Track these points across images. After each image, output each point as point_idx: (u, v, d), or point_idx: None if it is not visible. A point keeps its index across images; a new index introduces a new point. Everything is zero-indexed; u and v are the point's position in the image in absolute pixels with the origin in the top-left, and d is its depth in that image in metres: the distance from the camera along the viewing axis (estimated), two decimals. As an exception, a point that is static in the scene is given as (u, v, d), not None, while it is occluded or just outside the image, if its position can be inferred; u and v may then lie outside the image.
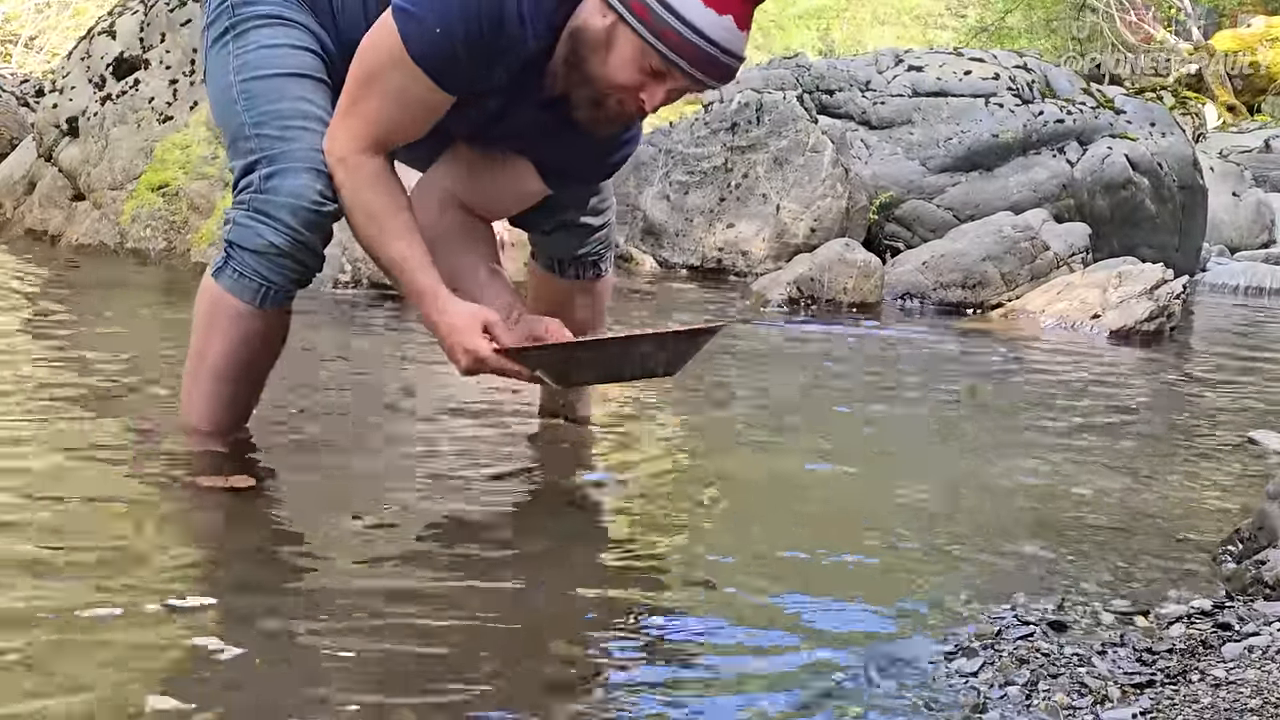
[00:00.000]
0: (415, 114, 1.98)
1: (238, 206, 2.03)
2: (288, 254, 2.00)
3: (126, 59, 5.51)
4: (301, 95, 2.04)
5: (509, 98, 2.03)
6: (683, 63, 1.85)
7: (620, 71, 1.88)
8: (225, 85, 2.08)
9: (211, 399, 2.12)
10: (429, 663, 1.43)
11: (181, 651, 1.42)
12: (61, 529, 1.78)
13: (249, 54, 2.06)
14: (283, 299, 2.06)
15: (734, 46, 1.87)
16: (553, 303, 2.40)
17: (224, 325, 2.06)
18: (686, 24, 1.82)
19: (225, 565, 1.72)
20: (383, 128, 1.97)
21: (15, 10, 12.24)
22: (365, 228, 2.01)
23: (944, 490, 2.33)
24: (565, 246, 2.35)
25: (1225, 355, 4.76)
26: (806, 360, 3.99)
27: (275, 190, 1.98)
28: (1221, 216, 9.10)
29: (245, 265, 2.02)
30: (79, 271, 4.66)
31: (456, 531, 1.94)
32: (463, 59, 1.91)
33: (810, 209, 6.14)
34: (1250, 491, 2.43)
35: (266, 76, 2.04)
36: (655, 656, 1.50)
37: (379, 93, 1.95)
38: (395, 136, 2.00)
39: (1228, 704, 1.37)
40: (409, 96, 1.95)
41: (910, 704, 1.40)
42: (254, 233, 2.00)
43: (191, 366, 2.13)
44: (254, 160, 2.01)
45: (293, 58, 2.06)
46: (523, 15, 1.88)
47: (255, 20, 2.07)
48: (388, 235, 1.99)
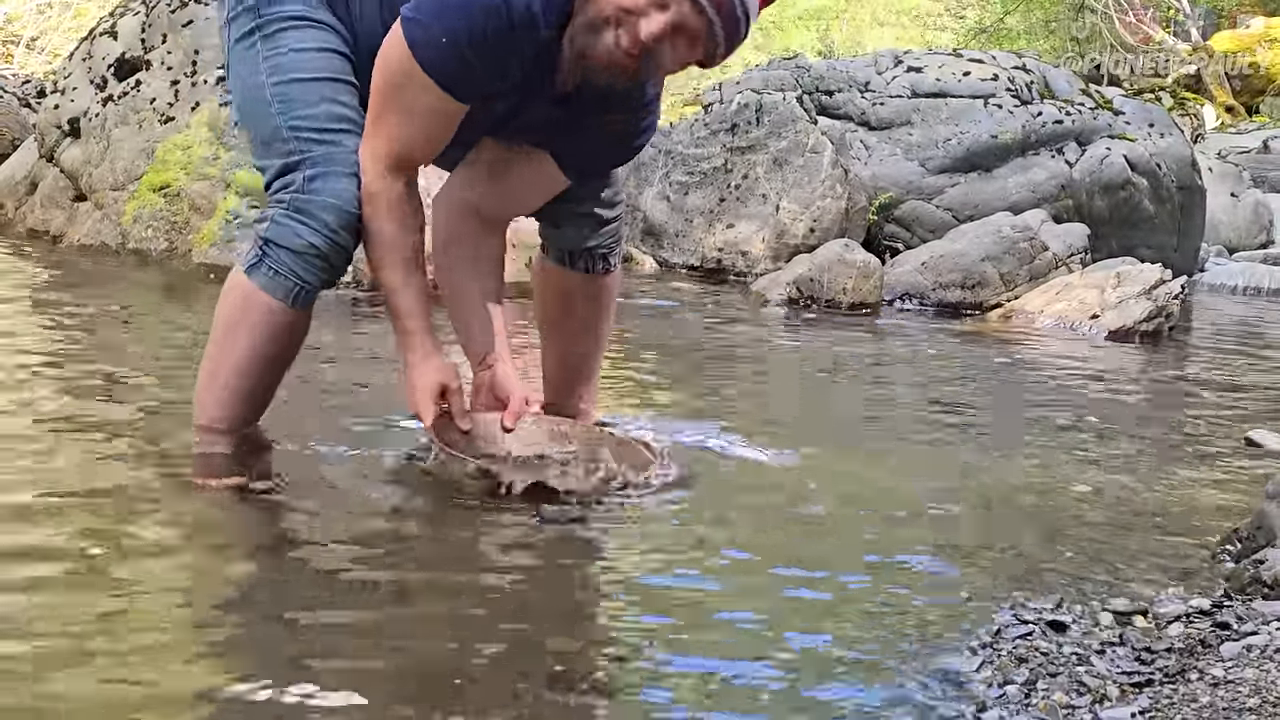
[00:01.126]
0: (431, 127, 2.01)
1: (276, 205, 2.06)
2: (324, 255, 2.05)
3: (128, 60, 5.52)
4: (335, 98, 2.07)
5: (523, 95, 2.06)
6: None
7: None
8: (256, 85, 2.10)
9: (232, 395, 2.14)
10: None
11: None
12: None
13: (281, 57, 2.09)
14: (312, 298, 2.11)
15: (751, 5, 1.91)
16: (558, 299, 2.43)
17: (253, 322, 2.09)
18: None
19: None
20: (403, 144, 2.02)
21: (17, 11, 12.24)
22: (369, 249, 2.08)
23: (942, 489, 2.34)
24: (577, 238, 2.36)
25: (1224, 355, 4.77)
26: (807, 359, 3.99)
27: (318, 191, 2.02)
28: (1220, 217, 9.11)
29: (281, 264, 2.05)
30: (79, 271, 4.66)
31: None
32: (473, 64, 1.93)
33: (810, 209, 6.15)
34: (1249, 491, 2.44)
35: (301, 80, 2.07)
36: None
37: (396, 108, 1.99)
38: (416, 153, 2.05)
39: (1226, 703, 1.38)
40: (423, 108, 1.98)
41: (910, 703, 1.41)
42: (293, 232, 2.04)
43: (211, 363, 2.14)
44: (296, 161, 2.04)
45: (323, 60, 2.09)
46: (532, 11, 1.89)
47: (283, 22, 2.10)
48: (388, 265, 2.07)
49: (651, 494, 2.11)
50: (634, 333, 4.12)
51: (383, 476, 2.16)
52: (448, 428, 2.10)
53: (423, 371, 2.07)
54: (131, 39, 5.58)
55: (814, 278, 5.30)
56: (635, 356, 3.69)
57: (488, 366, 2.20)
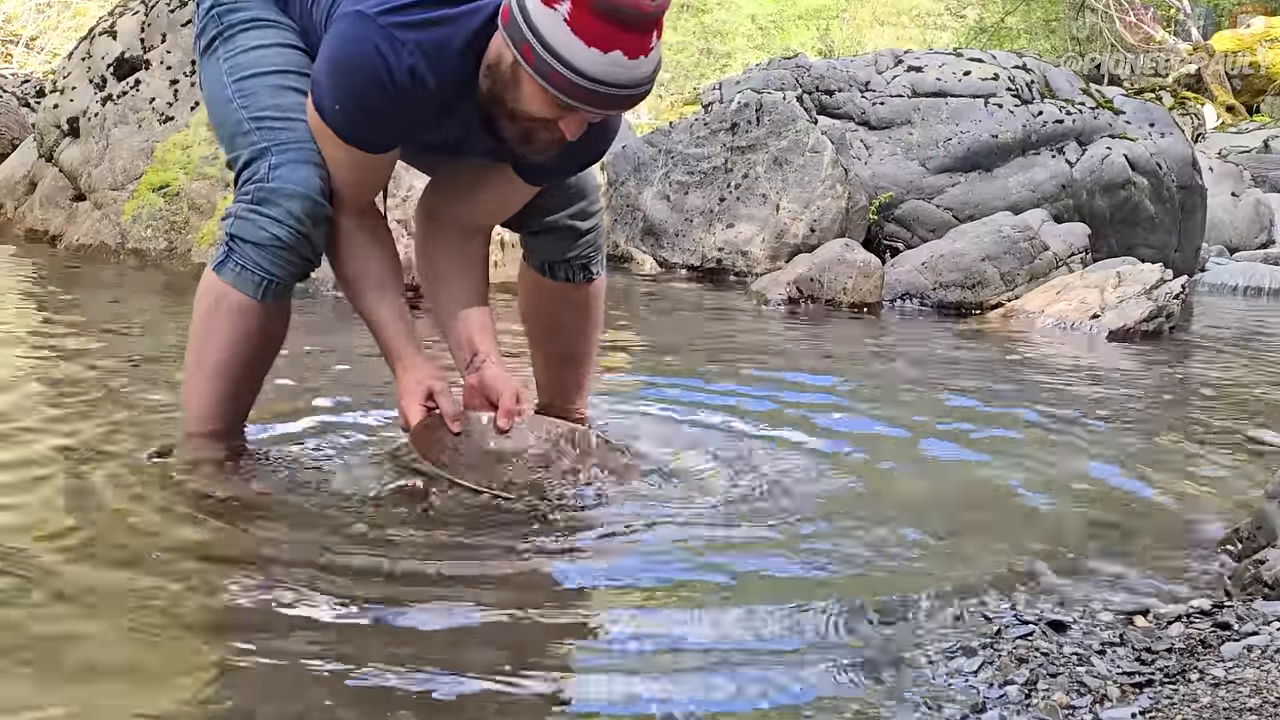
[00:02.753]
0: (362, 172, 2.05)
1: (240, 199, 2.05)
2: (289, 246, 2.03)
3: (127, 59, 5.52)
4: (297, 88, 2.07)
5: (463, 130, 2.06)
6: (573, 102, 1.85)
7: (532, 104, 1.89)
8: (220, 86, 2.11)
9: (213, 396, 2.13)
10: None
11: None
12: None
13: (241, 55, 2.11)
14: (283, 292, 2.09)
15: (626, 79, 1.84)
16: (543, 305, 2.43)
17: (226, 321, 2.07)
18: (569, 67, 1.80)
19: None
20: (342, 186, 2.05)
21: (16, 10, 12.24)
22: (344, 286, 2.14)
23: (942, 488, 2.34)
24: (554, 249, 2.37)
25: (1224, 355, 4.76)
26: (804, 359, 3.99)
27: (282, 179, 2.01)
28: (1220, 216, 9.11)
29: (247, 258, 2.04)
30: (80, 272, 4.66)
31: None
32: (372, 124, 1.96)
33: (810, 209, 6.15)
34: (1249, 491, 2.43)
35: (263, 74, 2.08)
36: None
37: (329, 156, 2.03)
38: (356, 195, 2.07)
39: (1226, 703, 1.38)
40: (346, 158, 2.01)
41: (909, 703, 1.41)
42: (256, 225, 2.02)
43: (192, 365, 2.14)
44: (261, 149, 2.04)
45: (281, 56, 2.11)
46: (417, 73, 1.89)
47: (241, 25, 2.13)
48: (357, 293, 2.11)
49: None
50: (634, 332, 4.12)
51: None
52: (433, 445, 2.05)
53: (409, 378, 2.08)
54: (131, 38, 5.58)
55: (814, 277, 5.29)
56: (634, 356, 3.68)
57: (475, 369, 2.17)
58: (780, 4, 24.25)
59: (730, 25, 23.40)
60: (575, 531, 1.93)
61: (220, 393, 2.13)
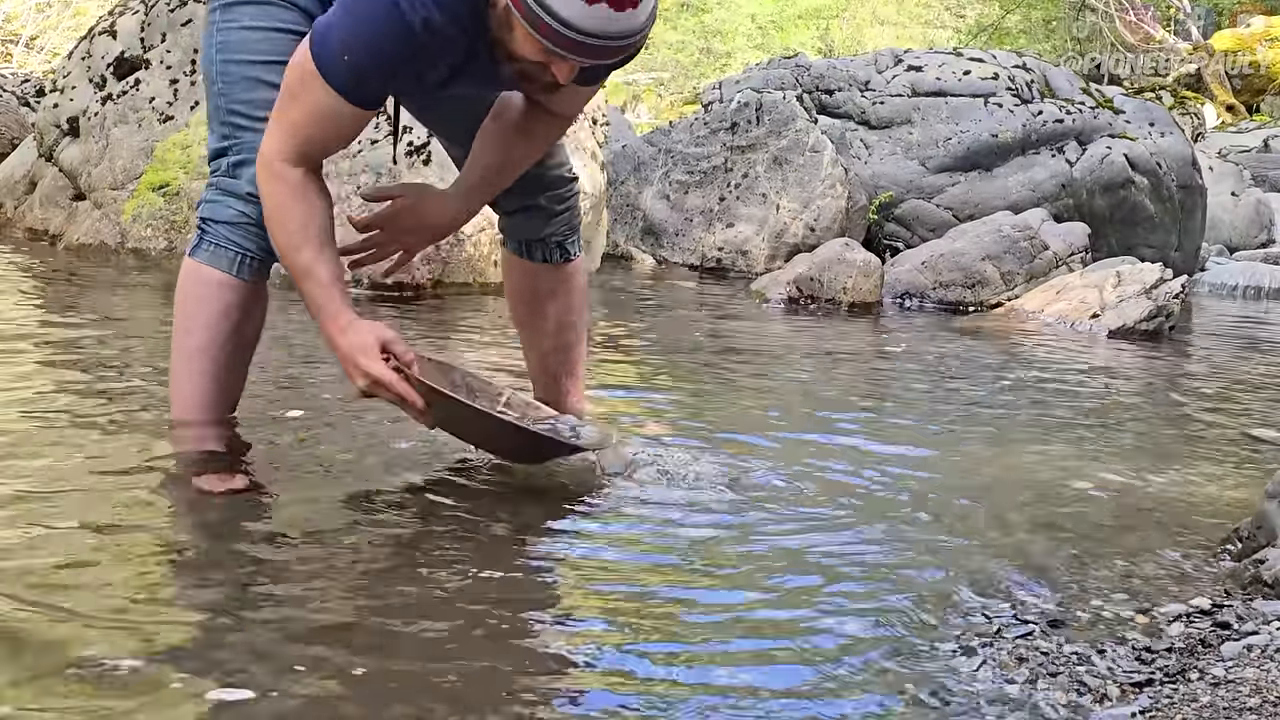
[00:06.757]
0: (332, 129, 2.00)
1: (209, 186, 2.14)
2: (259, 223, 2.06)
3: (127, 59, 5.51)
4: (274, 83, 2.04)
5: (464, 77, 2.05)
6: (560, 51, 1.86)
7: (523, 49, 1.90)
8: (208, 60, 2.16)
9: (198, 379, 2.14)
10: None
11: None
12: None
13: (231, 33, 2.13)
14: (258, 268, 2.13)
15: (612, 29, 1.85)
16: (525, 287, 2.46)
17: (204, 299, 2.12)
18: (555, 17, 1.82)
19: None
20: (304, 142, 1.99)
21: (16, 10, 12.24)
22: (278, 235, 2.03)
23: (941, 486, 2.33)
24: (530, 228, 2.41)
25: (1224, 354, 4.76)
26: (805, 359, 3.99)
27: (240, 177, 2.10)
28: (1220, 216, 9.11)
29: (220, 236, 2.12)
30: (80, 271, 4.66)
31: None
32: (373, 78, 1.94)
33: (809, 208, 6.15)
34: (1249, 490, 2.43)
35: (243, 62, 2.11)
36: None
37: (300, 106, 1.98)
38: (316, 150, 2.02)
39: (1226, 702, 1.38)
40: (326, 111, 1.97)
41: (909, 702, 1.41)
42: (224, 205, 2.11)
43: (177, 352, 2.16)
44: (226, 146, 2.12)
45: (268, 43, 2.11)
46: (430, 25, 1.88)
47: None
48: (299, 246, 2.00)
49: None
50: (633, 332, 4.12)
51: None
52: (426, 372, 2.03)
53: (354, 334, 1.98)
54: (131, 38, 5.58)
55: (814, 277, 5.29)
56: (633, 355, 3.69)
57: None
58: (780, 4, 24.24)
59: (730, 25, 23.40)
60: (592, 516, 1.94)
61: (203, 372, 2.14)
